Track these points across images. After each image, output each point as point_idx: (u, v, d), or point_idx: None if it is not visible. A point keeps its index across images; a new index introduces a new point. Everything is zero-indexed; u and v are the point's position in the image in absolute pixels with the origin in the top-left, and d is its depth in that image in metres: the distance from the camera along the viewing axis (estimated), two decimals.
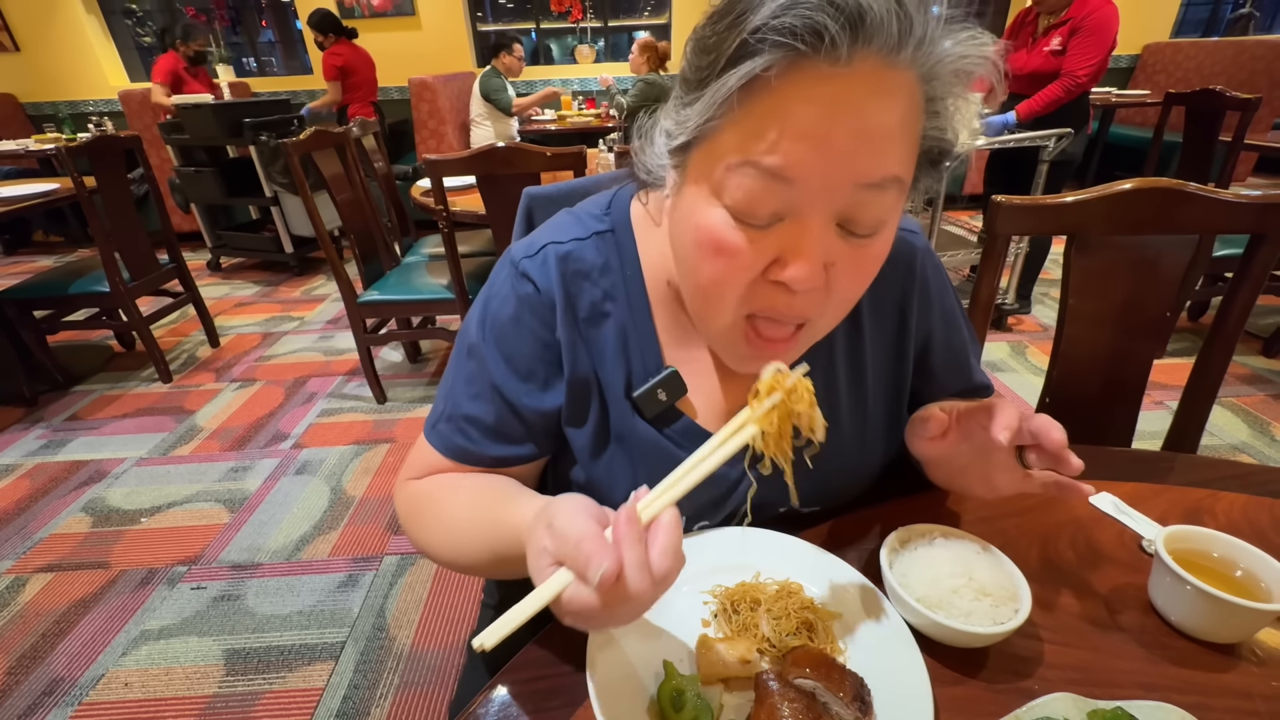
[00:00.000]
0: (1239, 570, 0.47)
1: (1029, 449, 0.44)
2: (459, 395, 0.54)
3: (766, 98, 0.35)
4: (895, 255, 0.56)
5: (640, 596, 0.32)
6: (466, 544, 0.49)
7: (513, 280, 0.53)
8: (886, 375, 0.59)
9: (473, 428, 0.53)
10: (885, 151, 0.36)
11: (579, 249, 0.53)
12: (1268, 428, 1.91)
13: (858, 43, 0.33)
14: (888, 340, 0.58)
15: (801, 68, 0.34)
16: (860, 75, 0.34)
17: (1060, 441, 0.42)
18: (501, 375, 0.52)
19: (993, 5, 5.28)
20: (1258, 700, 0.42)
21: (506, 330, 0.53)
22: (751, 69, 0.34)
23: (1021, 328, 2.65)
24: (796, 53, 0.34)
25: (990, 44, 0.37)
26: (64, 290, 2.26)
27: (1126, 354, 0.89)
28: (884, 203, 0.38)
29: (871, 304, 0.57)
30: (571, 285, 0.52)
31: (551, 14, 4.89)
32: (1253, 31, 4.61)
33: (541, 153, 1.56)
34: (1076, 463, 0.42)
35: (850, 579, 0.50)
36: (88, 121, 4.19)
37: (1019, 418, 0.43)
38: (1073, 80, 2.26)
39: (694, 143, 0.40)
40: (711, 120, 0.37)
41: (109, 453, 2.02)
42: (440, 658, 1.29)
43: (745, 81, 0.35)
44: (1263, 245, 0.78)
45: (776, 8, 0.33)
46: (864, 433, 0.59)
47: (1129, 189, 0.79)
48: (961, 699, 0.42)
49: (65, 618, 1.41)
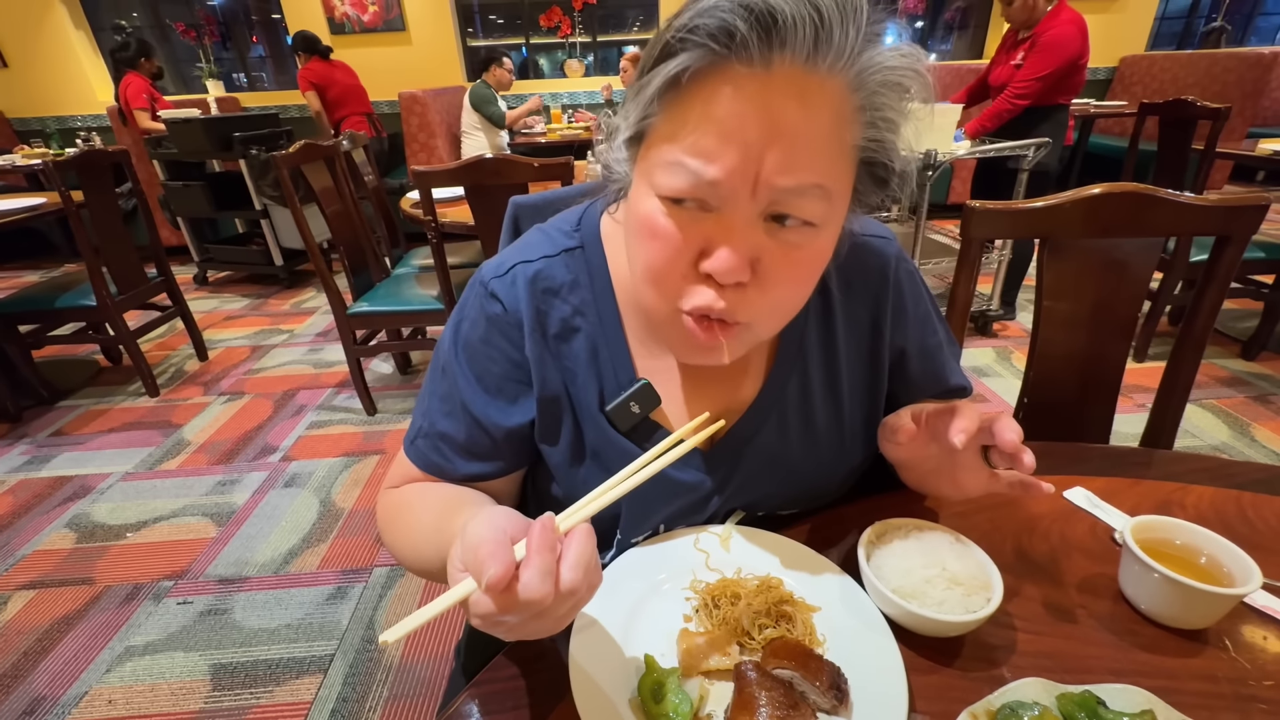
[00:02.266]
0: (1203, 557, 0.48)
1: (993, 449, 0.46)
2: (434, 412, 0.55)
3: (688, 96, 0.38)
4: (869, 262, 0.58)
5: (542, 603, 0.32)
6: (424, 549, 0.50)
7: (482, 300, 0.54)
8: (862, 380, 0.59)
9: (445, 445, 0.54)
10: (801, 155, 0.37)
11: (548, 266, 0.53)
12: (1247, 428, 1.95)
13: (772, 47, 0.35)
14: (863, 346, 0.59)
15: (721, 69, 0.36)
16: (779, 79, 0.36)
17: (1013, 442, 0.43)
18: (470, 394, 0.53)
19: (974, 19, 5.40)
20: (1223, 683, 0.43)
21: (476, 350, 0.54)
22: (671, 68, 0.37)
23: (1006, 333, 2.69)
24: (713, 53, 0.36)
25: (921, 57, 0.39)
26: (50, 304, 2.24)
27: (1100, 355, 0.91)
28: (807, 207, 0.39)
29: (846, 310, 0.58)
30: (541, 303, 0.53)
31: (541, 29, 4.95)
32: (1224, 44, 4.75)
33: (529, 164, 1.58)
34: (1029, 461, 0.43)
35: (829, 573, 0.51)
36: (75, 136, 4.18)
37: (977, 420, 0.44)
38: (1013, 93, 2.35)
39: (637, 138, 0.42)
40: (647, 117, 0.40)
41: (94, 468, 2.00)
42: (430, 669, 1.28)
43: (668, 80, 0.37)
44: (1227, 247, 0.81)
45: (696, 11, 0.36)
46: (841, 437, 0.59)
47: (1098, 193, 0.82)
48: (937, 686, 0.43)
49: (48, 635, 1.39)
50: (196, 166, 3.66)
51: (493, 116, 3.67)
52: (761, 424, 0.56)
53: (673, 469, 0.51)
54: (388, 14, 4.42)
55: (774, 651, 0.43)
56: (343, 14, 4.40)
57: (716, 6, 0.35)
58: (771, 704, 0.38)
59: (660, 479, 0.50)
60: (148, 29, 4.93)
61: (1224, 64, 4.05)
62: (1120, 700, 0.39)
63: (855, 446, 0.60)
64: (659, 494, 0.54)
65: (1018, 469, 0.44)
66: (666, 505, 0.55)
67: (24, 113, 4.64)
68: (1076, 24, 2.29)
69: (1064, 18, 2.29)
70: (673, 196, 0.40)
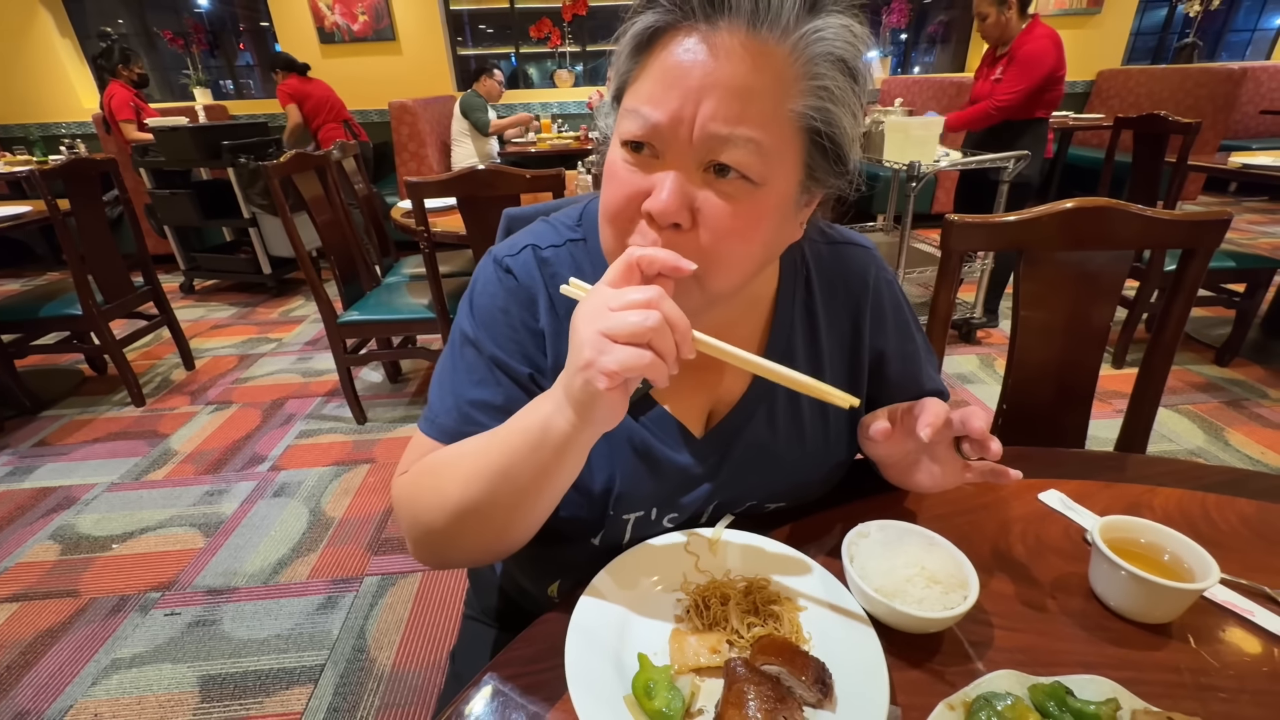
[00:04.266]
0: (1166, 555, 0.51)
1: (964, 440, 0.49)
2: (461, 385, 0.54)
3: (649, 55, 0.43)
4: (850, 267, 0.62)
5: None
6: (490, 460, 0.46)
7: (497, 274, 0.56)
8: (845, 380, 0.63)
9: (478, 411, 0.53)
10: (735, 105, 0.40)
11: (555, 255, 0.57)
12: (1221, 433, 2.00)
13: (717, 12, 0.40)
14: (844, 346, 0.62)
15: (676, 27, 0.42)
16: (724, 37, 0.40)
17: (981, 429, 0.46)
18: (503, 355, 0.54)
19: (955, 34, 5.52)
20: (1185, 673, 0.46)
21: (496, 318, 0.55)
22: (637, 27, 0.43)
23: (989, 341, 2.74)
24: (669, 13, 0.41)
25: (863, 36, 0.43)
26: (33, 313, 2.22)
27: (1075, 362, 0.94)
28: (743, 159, 0.41)
29: (828, 313, 0.61)
30: (550, 285, 0.56)
31: (531, 39, 4.99)
32: (1196, 59, 4.90)
33: (521, 175, 1.60)
34: (996, 448, 0.46)
35: (814, 573, 0.53)
36: (60, 144, 4.15)
37: (944, 414, 0.47)
38: (992, 104, 2.47)
39: (618, 95, 0.47)
40: (624, 74, 0.45)
41: (79, 478, 1.98)
42: (422, 677, 1.28)
43: (635, 38, 0.43)
44: (1193, 259, 0.85)
45: None
46: (826, 432, 0.62)
47: (1070, 208, 0.85)
48: (916, 680, 0.45)
49: (31, 648, 1.37)
50: (183, 175, 3.64)
51: (478, 123, 3.74)
52: (751, 415, 0.59)
53: (666, 450, 0.56)
54: (378, 24, 4.44)
55: (762, 649, 0.45)
56: (332, 24, 4.42)
57: None
58: (760, 698, 0.40)
59: (653, 458, 0.55)
60: (134, 36, 4.91)
61: (1196, 78, 4.19)
62: (1088, 690, 0.41)
63: (840, 443, 0.63)
64: (651, 472, 0.56)
65: (986, 456, 0.47)
66: (658, 484, 0.57)
67: (7, 119, 4.60)
68: (1051, 39, 2.37)
69: (1038, 33, 2.38)
70: (629, 140, 0.44)
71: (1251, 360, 2.45)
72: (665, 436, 0.57)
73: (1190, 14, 5.24)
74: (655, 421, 0.57)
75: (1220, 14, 5.72)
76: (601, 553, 0.56)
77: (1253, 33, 5.84)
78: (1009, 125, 2.52)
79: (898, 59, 5.56)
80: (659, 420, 0.57)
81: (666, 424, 0.57)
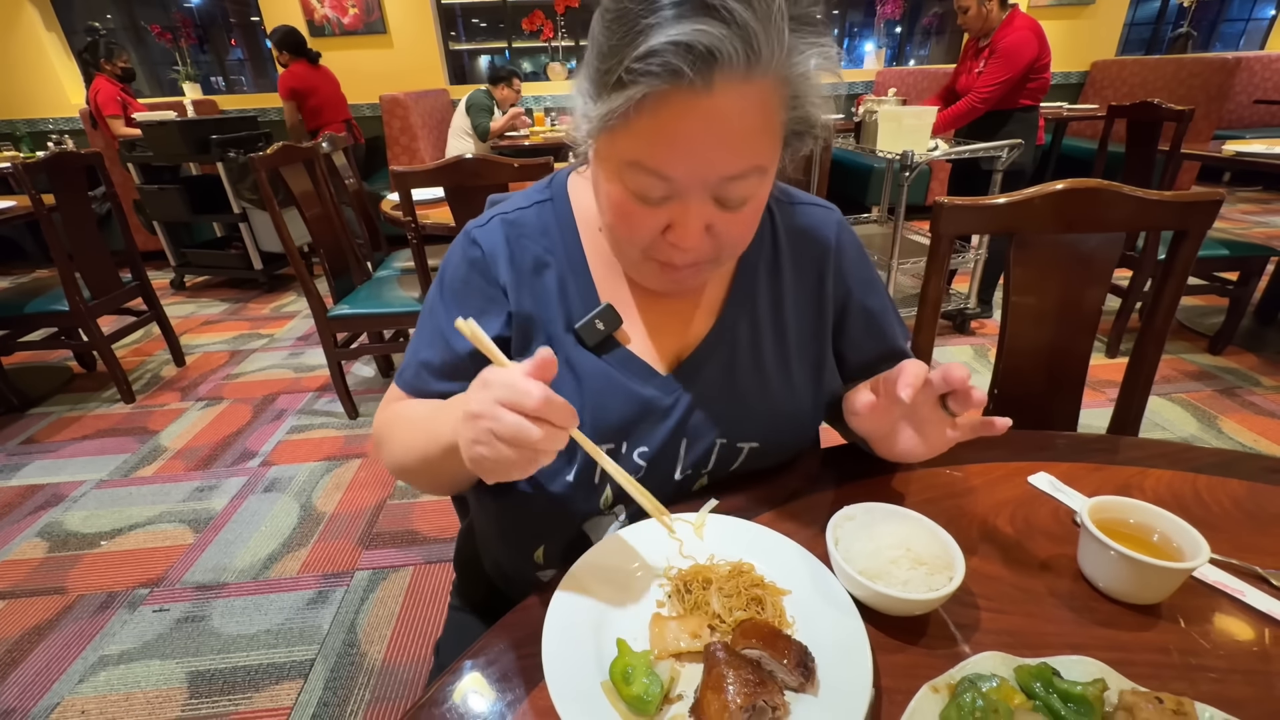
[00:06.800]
0: (1156, 535, 0.50)
1: (949, 397, 0.49)
2: (419, 345, 0.64)
3: (648, 117, 0.44)
4: (814, 225, 0.67)
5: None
6: (416, 438, 0.56)
7: (465, 248, 0.63)
8: (809, 326, 0.66)
9: (425, 370, 0.63)
10: (744, 150, 0.46)
11: (522, 215, 0.63)
12: (1214, 421, 2.00)
13: (713, 73, 0.41)
14: (808, 292, 0.66)
15: (671, 95, 0.42)
16: (720, 95, 0.42)
17: (962, 378, 0.47)
18: (449, 325, 0.59)
19: (950, 25, 5.51)
20: (1174, 654, 0.45)
21: (458, 289, 0.62)
22: (630, 96, 0.42)
23: (984, 331, 2.74)
24: (664, 85, 0.41)
25: (835, 53, 0.45)
26: (20, 310, 2.20)
27: (1066, 348, 0.93)
28: (748, 185, 0.48)
29: (794, 264, 0.66)
30: (514, 244, 0.62)
31: (523, 32, 4.95)
32: (1190, 49, 4.89)
33: (509, 164, 1.58)
34: (979, 395, 0.48)
35: (799, 557, 0.52)
36: (47, 139, 4.10)
37: (923, 373, 0.48)
38: (976, 97, 2.48)
39: (599, 131, 0.47)
40: (609, 120, 0.45)
41: (67, 475, 1.96)
42: (412, 671, 1.27)
43: (625, 103, 0.43)
44: (1184, 241, 0.84)
45: (644, 50, 0.40)
46: (789, 377, 0.65)
47: (1062, 189, 0.84)
48: (903, 664, 0.44)
49: (18, 646, 1.36)
50: (172, 170, 3.60)
51: (479, 126, 3.65)
52: (712, 352, 0.63)
53: (631, 384, 0.60)
54: (368, 16, 4.39)
55: (743, 632, 0.44)
56: (323, 16, 4.37)
57: (662, 49, 0.40)
58: (739, 682, 0.39)
59: (620, 388, 0.60)
60: (123, 31, 4.86)
61: (1190, 68, 4.17)
62: (1075, 671, 0.40)
63: (804, 387, 0.66)
64: (619, 401, 0.59)
65: (970, 407, 0.48)
66: (625, 413, 0.60)
67: None
68: (1032, 29, 2.37)
69: (1018, 24, 2.39)
70: (641, 193, 0.48)
71: (1244, 348, 2.45)
72: (629, 373, 0.61)
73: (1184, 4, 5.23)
74: (620, 360, 0.61)
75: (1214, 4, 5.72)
76: (579, 501, 0.61)
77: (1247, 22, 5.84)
78: (998, 114, 2.52)
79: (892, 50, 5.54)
80: (624, 359, 0.61)
81: (632, 362, 0.61)
